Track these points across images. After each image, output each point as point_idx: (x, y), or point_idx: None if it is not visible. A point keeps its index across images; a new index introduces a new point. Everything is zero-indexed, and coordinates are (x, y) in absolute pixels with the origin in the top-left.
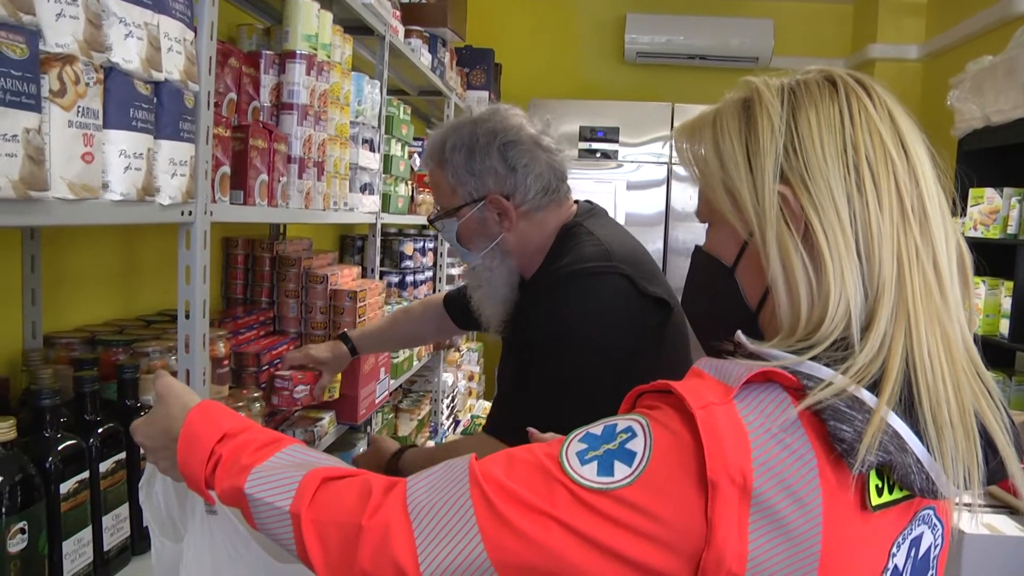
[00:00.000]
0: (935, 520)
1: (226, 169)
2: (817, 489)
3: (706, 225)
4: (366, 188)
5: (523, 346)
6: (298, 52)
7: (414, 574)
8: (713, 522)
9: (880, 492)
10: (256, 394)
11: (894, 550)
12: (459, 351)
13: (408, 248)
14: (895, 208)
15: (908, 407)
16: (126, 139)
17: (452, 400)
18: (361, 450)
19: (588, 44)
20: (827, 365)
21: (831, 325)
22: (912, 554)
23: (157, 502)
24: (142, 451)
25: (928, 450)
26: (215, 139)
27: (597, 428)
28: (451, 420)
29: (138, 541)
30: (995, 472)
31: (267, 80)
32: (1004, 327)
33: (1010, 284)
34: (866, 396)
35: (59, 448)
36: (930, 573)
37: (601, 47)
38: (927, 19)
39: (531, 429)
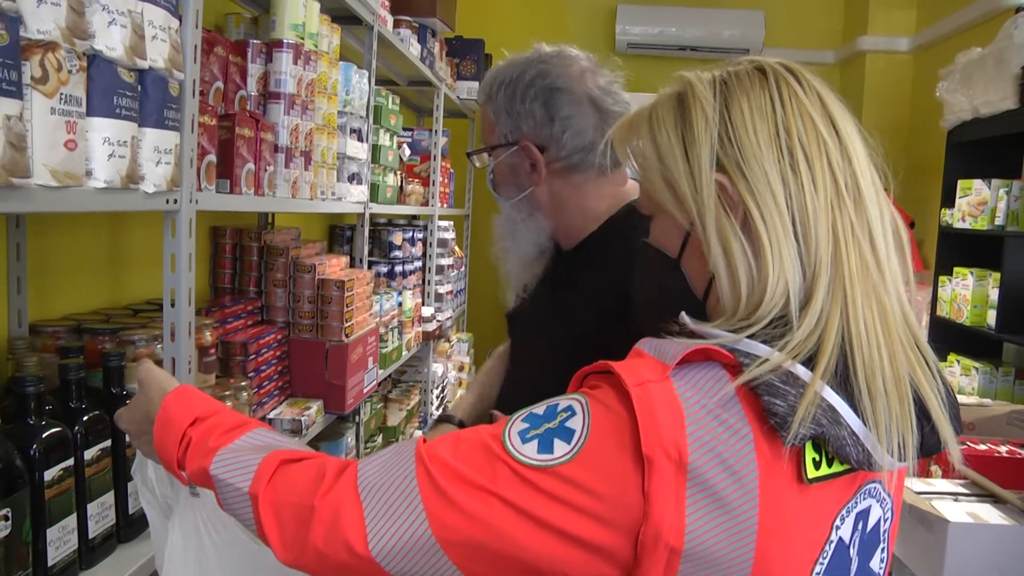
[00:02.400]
0: (883, 494)
1: (212, 158)
2: (753, 463)
3: None
4: (354, 178)
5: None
6: (285, 41)
7: (363, 552)
8: (650, 497)
9: (818, 465)
10: (243, 383)
11: (838, 523)
12: (449, 341)
13: (397, 238)
14: (829, 188)
15: (843, 380)
16: (110, 127)
17: (442, 390)
18: (349, 440)
19: (579, 35)
20: (765, 342)
21: (770, 304)
22: (860, 527)
23: (151, 485)
24: (127, 437)
25: (864, 422)
26: (201, 128)
27: (540, 408)
28: (440, 410)
29: (124, 529)
30: (931, 442)
31: (254, 69)
32: (991, 318)
33: (997, 275)
34: (801, 371)
35: (43, 435)
36: (881, 546)
37: (592, 38)
38: (917, 11)
39: (495, 412)
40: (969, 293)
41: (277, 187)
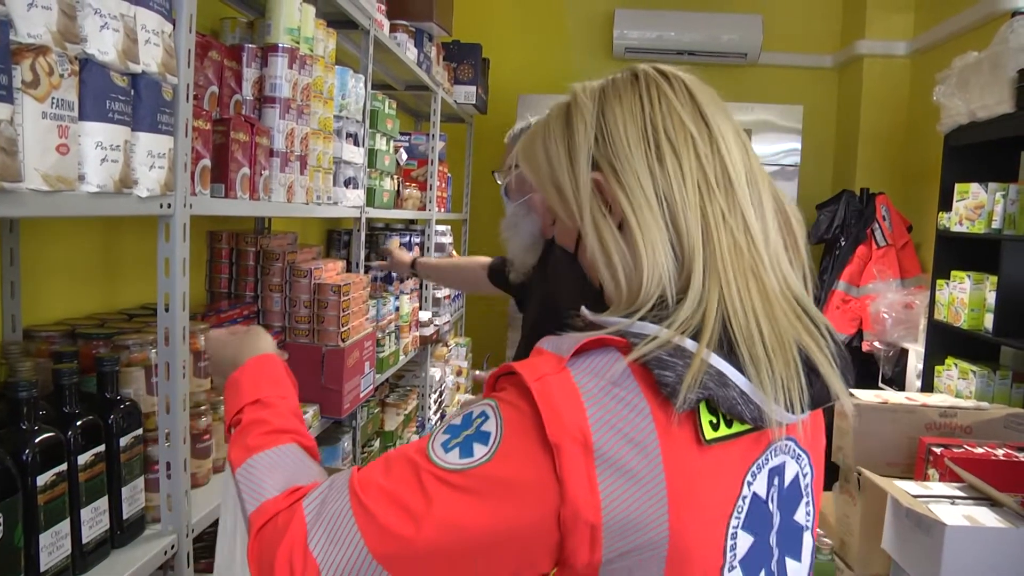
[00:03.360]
0: (797, 450)
1: (207, 162)
2: (653, 433)
3: None
4: (350, 182)
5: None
6: (280, 45)
7: None
8: (564, 480)
9: (716, 427)
10: None
11: (749, 479)
12: (447, 346)
13: (394, 243)
14: (698, 178)
15: (729, 348)
16: (102, 131)
17: (439, 395)
18: (346, 444)
19: (577, 39)
20: (655, 323)
21: (649, 289)
22: (776, 483)
23: None
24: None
25: (752, 382)
26: (195, 132)
27: (457, 419)
28: (438, 415)
29: (118, 534)
30: (822, 396)
31: (249, 73)
32: (988, 321)
33: (994, 279)
34: (689, 344)
35: (36, 440)
36: (804, 500)
37: (590, 43)
38: (915, 15)
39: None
40: (966, 297)
41: (272, 191)
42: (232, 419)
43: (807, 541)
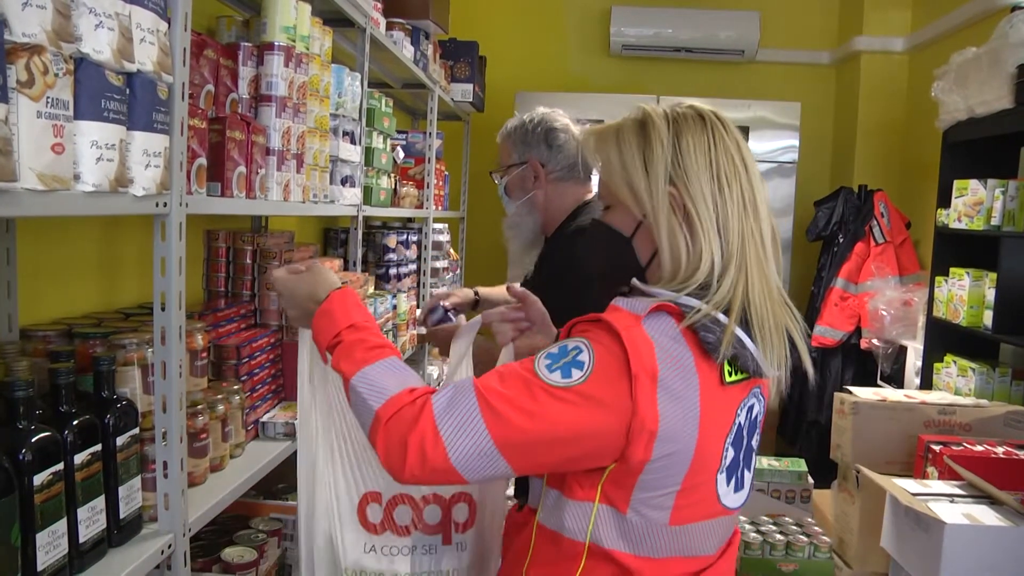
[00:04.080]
0: (760, 396)
1: (202, 161)
2: (695, 374)
3: None
4: (347, 180)
5: (552, 275)
6: (276, 44)
7: (445, 464)
8: (637, 400)
9: (731, 374)
10: (236, 387)
11: (738, 412)
12: None
13: (391, 241)
14: (740, 203)
15: (746, 323)
16: (98, 130)
17: None
18: None
19: (573, 37)
20: (697, 298)
21: (701, 275)
22: (748, 417)
23: None
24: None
25: (757, 347)
26: (191, 131)
27: (554, 348)
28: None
29: (115, 533)
30: (797, 363)
31: (245, 72)
32: (988, 318)
33: (994, 275)
34: (722, 317)
35: (33, 440)
36: (757, 431)
37: (586, 40)
38: (912, 11)
39: (511, 286)
40: (965, 294)
41: (269, 190)
42: (331, 342)
43: (754, 459)
